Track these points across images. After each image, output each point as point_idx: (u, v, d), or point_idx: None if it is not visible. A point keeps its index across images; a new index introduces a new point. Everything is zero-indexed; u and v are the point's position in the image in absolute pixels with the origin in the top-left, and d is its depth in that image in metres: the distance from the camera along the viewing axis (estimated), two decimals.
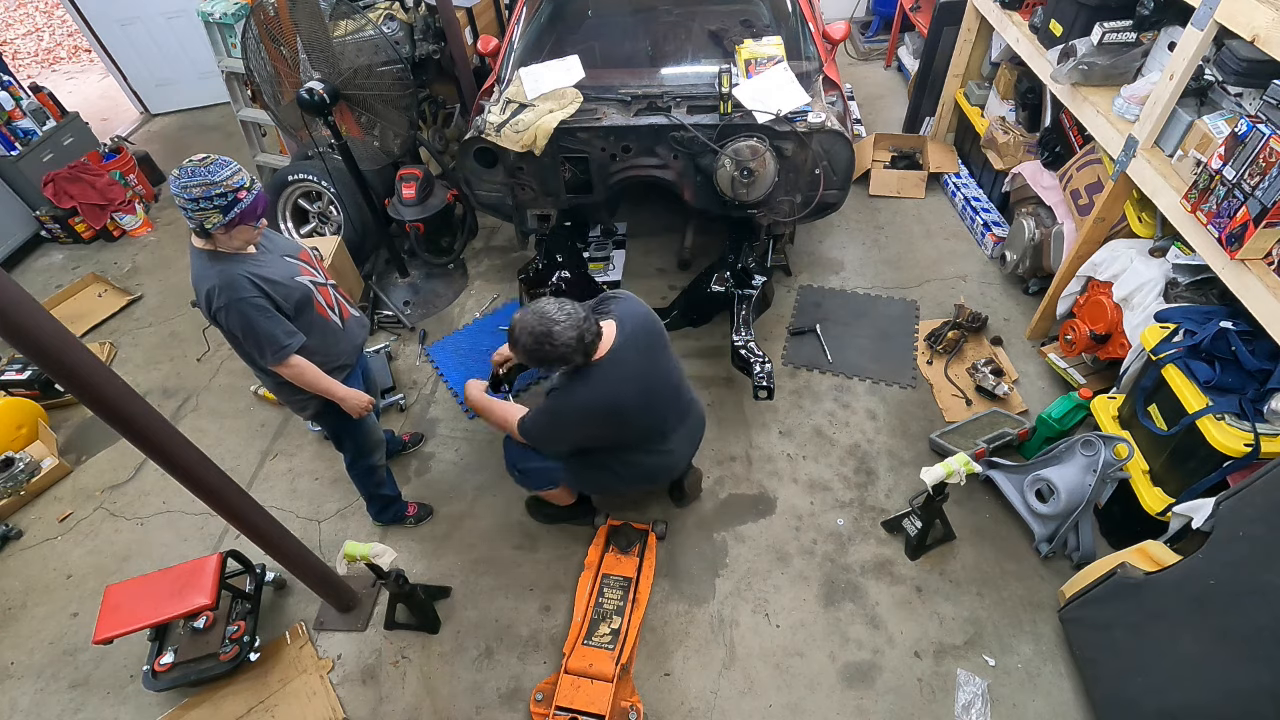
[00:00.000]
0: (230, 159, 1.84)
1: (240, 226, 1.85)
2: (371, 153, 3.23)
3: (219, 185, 1.76)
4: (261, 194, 1.87)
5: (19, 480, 2.99)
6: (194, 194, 1.75)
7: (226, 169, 1.80)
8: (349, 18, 3.13)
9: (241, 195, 1.80)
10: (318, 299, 2.10)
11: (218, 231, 1.82)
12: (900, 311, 3.49)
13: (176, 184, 1.76)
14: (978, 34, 3.86)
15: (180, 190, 1.76)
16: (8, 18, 8.42)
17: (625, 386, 2.04)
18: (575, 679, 2.19)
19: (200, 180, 1.75)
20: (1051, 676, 2.24)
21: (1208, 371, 2.07)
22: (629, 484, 2.46)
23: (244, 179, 1.82)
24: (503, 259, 4.03)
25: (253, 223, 1.87)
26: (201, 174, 1.76)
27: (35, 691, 2.45)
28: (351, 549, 2.20)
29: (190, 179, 1.75)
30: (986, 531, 2.61)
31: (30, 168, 4.30)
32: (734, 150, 2.81)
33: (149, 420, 1.58)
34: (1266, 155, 1.82)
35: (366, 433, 2.42)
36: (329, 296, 2.18)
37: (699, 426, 2.46)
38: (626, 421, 2.12)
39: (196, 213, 1.77)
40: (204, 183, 1.75)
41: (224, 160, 1.81)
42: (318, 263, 2.21)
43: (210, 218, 1.78)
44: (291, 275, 2.02)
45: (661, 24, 3.51)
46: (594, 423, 2.10)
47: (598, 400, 2.03)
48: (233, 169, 1.81)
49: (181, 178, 1.75)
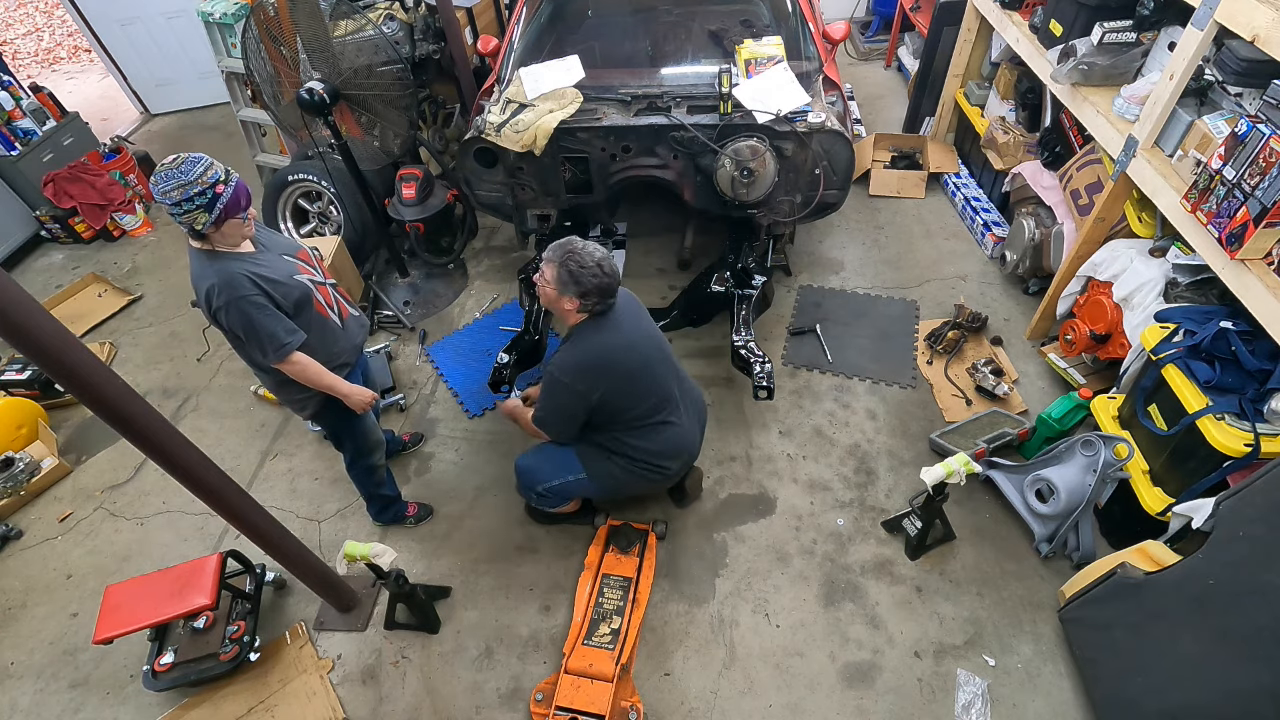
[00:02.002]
0: (202, 155, 1.81)
1: (229, 221, 1.83)
2: (371, 153, 3.23)
3: (195, 184, 1.75)
4: (241, 184, 1.85)
5: (19, 480, 2.99)
6: (174, 197, 1.74)
7: (198, 165, 1.77)
8: (349, 18, 3.13)
9: (220, 189, 1.79)
10: (316, 297, 2.10)
11: (209, 230, 1.81)
12: (900, 311, 3.49)
13: (157, 191, 1.75)
14: (978, 34, 3.86)
15: (161, 196, 1.75)
16: (8, 18, 8.42)
17: (622, 337, 2.13)
18: (575, 679, 2.19)
19: (176, 182, 1.74)
20: (1051, 676, 2.24)
21: (1208, 371, 2.07)
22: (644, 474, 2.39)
23: (218, 173, 1.80)
24: (503, 259, 4.03)
25: (239, 215, 1.85)
26: (175, 175, 1.74)
27: (35, 691, 2.45)
28: (351, 549, 2.20)
29: (166, 183, 1.74)
30: (986, 531, 2.61)
31: (30, 168, 4.30)
32: (734, 150, 2.81)
33: (149, 420, 1.58)
34: (1266, 155, 1.82)
35: (366, 432, 2.42)
36: (328, 295, 2.18)
37: (702, 407, 2.52)
38: (630, 374, 2.15)
39: (184, 216, 1.77)
40: (180, 184, 1.74)
41: (195, 157, 1.79)
42: (317, 261, 2.21)
43: (198, 218, 1.78)
44: (290, 274, 2.02)
45: (661, 24, 3.51)
46: (589, 376, 2.11)
47: (598, 349, 2.10)
48: (204, 164, 1.79)
49: (159, 183, 1.75)
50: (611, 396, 2.16)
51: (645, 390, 2.21)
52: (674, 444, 2.34)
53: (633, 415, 2.23)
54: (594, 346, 2.11)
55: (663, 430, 2.29)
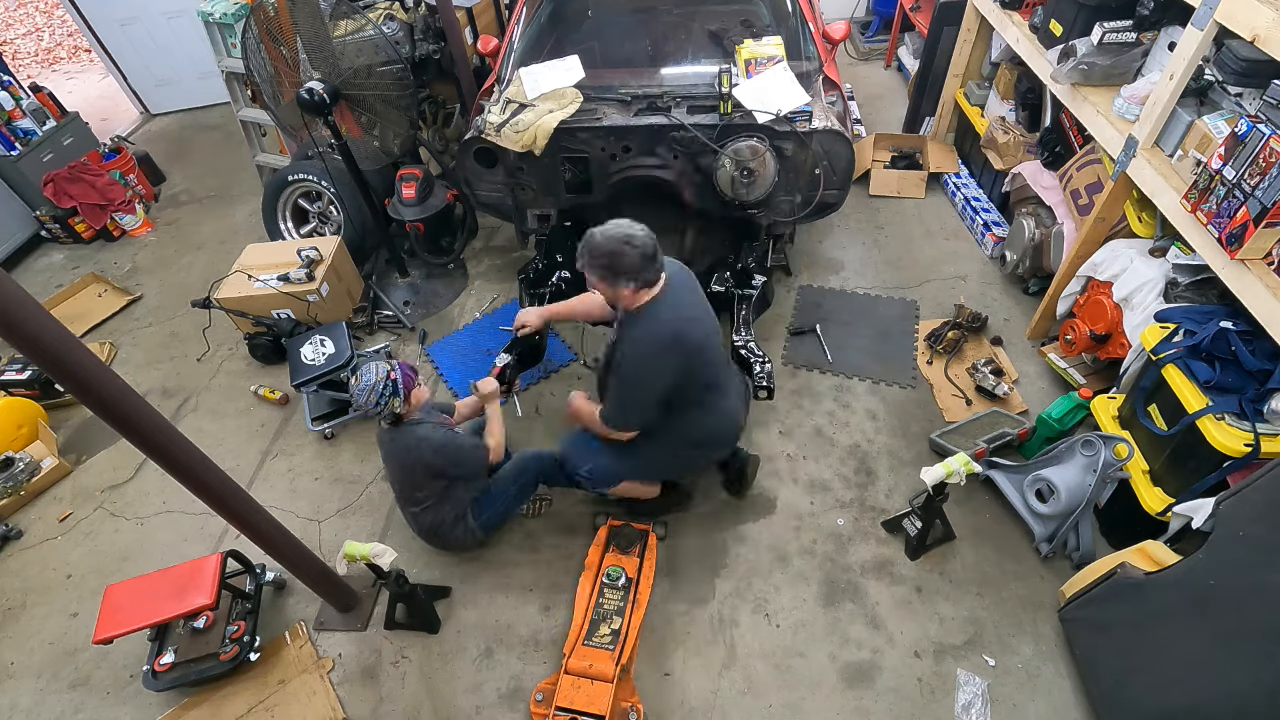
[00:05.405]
0: (368, 361, 2.24)
1: (413, 392, 2.28)
2: (371, 153, 3.23)
3: (379, 383, 2.18)
4: (403, 364, 2.28)
5: (19, 480, 2.99)
6: (373, 400, 2.17)
7: (370, 373, 2.19)
8: (349, 18, 3.13)
9: (393, 376, 2.21)
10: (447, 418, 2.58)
11: (405, 411, 2.25)
12: (900, 311, 3.49)
13: (360, 406, 2.20)
14: (978, 34, 3.86)
15: (367, 406, 2.19)
16: (8, 18, 8.42)
17: (688, 311, 2.09)
18: (575, 679, 2.19)
19: (366, 389, 2.17)
20: (1051, 676, 2.24)
21: (1208, 371, 2.06)
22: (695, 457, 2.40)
23: (383, 367, 2.21)
24: (503, 259, 4.03)
25: (416, 383, 2.30)
26: (363, 389, 2.17)
27: (35, 691, 2.45)
28: (351, 549, 2.20)
29: (360, 396, 2.18)
30: (986, 531, 2.61)
31: (30, 168, 4.30)
32: (734, 150, 2.81)
33: (149, 420, 1.58)
34: (1266, 155, 1.82)
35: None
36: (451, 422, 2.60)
37: (743, 385, 2.51)
38: (699, 350, 2.09)
39: (384, 407, 2.21)
40: (368, 389, 2.17)
41: (364, 369, 2.20)
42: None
43: (394, 404, 2.21)
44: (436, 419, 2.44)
45: (661, 24, 3.51)
46: (670, 357, 2.05)
47: (668, 328, 2.02)
48: (373, 368, 2.19)
49: (359, 398, 2.18)
50: (681, 376, 2.10)
51: (706, 362, 2.16)
52: (725, 420, 2.34)
53: (689, 392, 2.17)
54: (665, 324, 2.02)
55: (713, 409, 2.27)
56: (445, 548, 2.62)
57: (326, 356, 3.02)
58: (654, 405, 2.16)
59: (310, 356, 3.02)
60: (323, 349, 3.05)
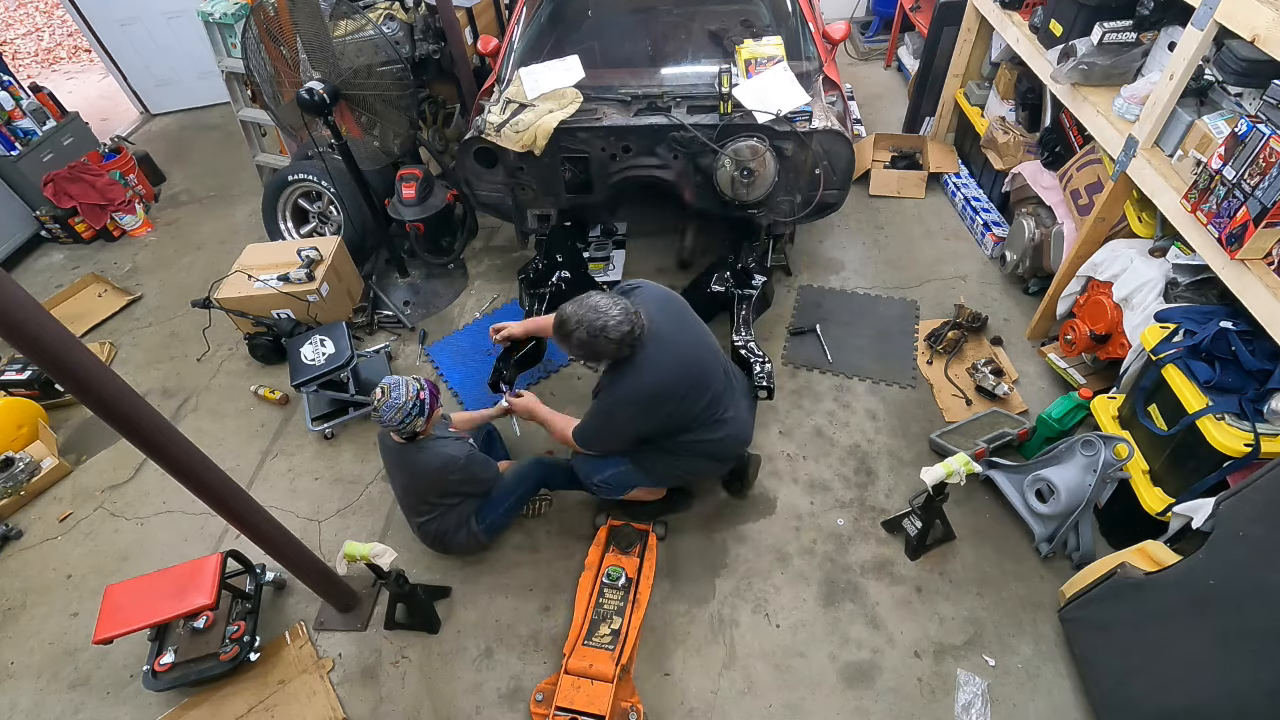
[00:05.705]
0: (395, 378, 2.22)
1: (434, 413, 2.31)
2: (371, 153, 3.23)
3: (408, 403, 2.19)
4: (429, 383, 2.30)
5: (19, 480, 2.99)
6: (399, 419, 2.19)
7: (400, 390, 2.20)
8: (349, 18, 3.13)
9: (422, 395, 2.24)
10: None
11: (424, 428, 2.29)
12: (900, 311, 3.49)
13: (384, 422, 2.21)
14: (978, 34, 3.86)
15: (390, 423, 2.21)
16: (8, 18, 8.42)
17: (670, 367, 2.09)
18: (575, 679, 2.19)
19: (394, 408, 2.18)
20: (1051, 676, 2.24)
21: (1208, 371, 2.06)
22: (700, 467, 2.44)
23: (415, 386, 2.24)
24: (503, 259, 4.03)
25: (437, 404, 2.33)
26: (391, 406, 2.18)
27: (35, 691, 2.45)
28: (351, 549, 2.20)
29: (388, 413, 2.18)
30: (986, 531, 2.61)
31: (30, 168, 4.29)
32: (734, 150, 2.81)
33: (149, 420, 1.58)
34: (1266, 155, 1.82)
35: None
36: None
37: (747, 386, 2.53)
38: (681, 400, 2.13)
39: (407, 425, 2.22)
40: (397, 408, 2.18)
41: (394, 385, 2.20)
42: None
43: (416, 423, 2.23)
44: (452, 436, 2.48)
45: (661, 24, 3.51)
46: (647, 410, 2.11)
47: (646, 387, 2.07)
48: (404, 387, 2.21)
49: (384, 415, 2.19)
50: (669, 418, 2.17)
51: (698, 395, 2.19)
52: (731, 437, 2.35)
53: (688, 420, 2.22)
54: (646, 383, 2.06)
55: (717, 429, 2.28)
56: (448, 552, 2.63)
57: (326, 356, 3.02)
58: (629, 442, 2.28)
59: (310, 356, 3.03)
60: (323, 349, 3.05)
